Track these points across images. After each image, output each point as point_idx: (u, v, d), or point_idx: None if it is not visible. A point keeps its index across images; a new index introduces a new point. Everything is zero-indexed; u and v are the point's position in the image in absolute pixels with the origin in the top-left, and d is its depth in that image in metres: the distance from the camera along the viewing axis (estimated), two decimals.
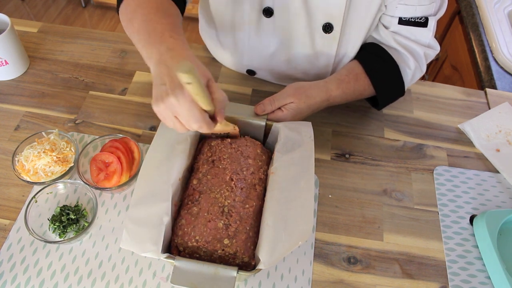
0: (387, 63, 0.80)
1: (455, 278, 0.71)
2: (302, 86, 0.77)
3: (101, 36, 1.02)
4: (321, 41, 0.82)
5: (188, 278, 0.55)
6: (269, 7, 0.78)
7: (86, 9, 2.73)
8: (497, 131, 0.90)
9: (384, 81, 0.81)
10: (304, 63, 0.87)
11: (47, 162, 0.73)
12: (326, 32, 0.79)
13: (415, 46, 0.80)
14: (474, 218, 0.77)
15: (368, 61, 0.81)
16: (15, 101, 0.88)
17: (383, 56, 0.81)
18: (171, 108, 0.55)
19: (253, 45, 0.86)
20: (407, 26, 0.78)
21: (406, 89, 0.84)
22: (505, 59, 1.18)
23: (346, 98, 0.81)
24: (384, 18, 0.80)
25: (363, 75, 0.81)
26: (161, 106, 0.56)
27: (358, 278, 0.70)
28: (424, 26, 0.78)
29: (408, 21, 0.78)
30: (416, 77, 0.84)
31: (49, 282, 0.66)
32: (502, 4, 1.36)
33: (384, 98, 0.84)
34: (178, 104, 0.54)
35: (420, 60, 0.81)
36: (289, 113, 0.74)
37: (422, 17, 0.77)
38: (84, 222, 0.71)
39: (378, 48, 0.82)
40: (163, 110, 0.56)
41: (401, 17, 0.77)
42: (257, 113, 0.73)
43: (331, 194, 0.79)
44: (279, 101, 0.74)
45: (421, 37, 0.80)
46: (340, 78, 0.80)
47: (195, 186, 0.65)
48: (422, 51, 0.80)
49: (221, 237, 0.59)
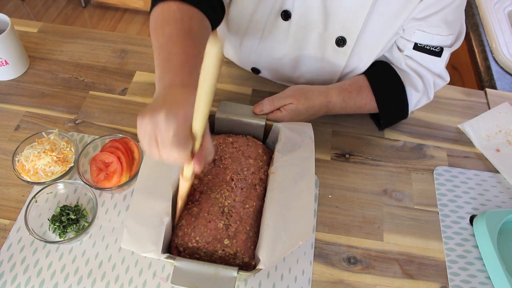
0: (394, 81, 0.80)
1: (455, 278, 0.71)
2: (303, 88, 0.77)
3: (101, 36, 1.02)
4: (331, 53, 0.81)
5: (188, 279, 0.55)
6: (288, 10, 0.77)
7: (86, 9, 2.73)
8: (497, 131, 0.90)
9: (388, 98, 0.81)
10: (310, 72, 0.87)
11: (47, 162, 0.73)
12: (339, 45, 0.79)
13: (425, 72, 0.80)
14: (474, 218, 0.77)
15: (375, 75, 0.81)
16: (15, 101, 0.88)
17: (391, 75, 0.80)
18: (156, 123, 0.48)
19: (263, 46, 0.85)
20: (421, 53, 0.78)
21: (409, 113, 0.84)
22: (505, 59, 1.18)
23: (345, 108, 0.81)
24: (400, 40, 0.79)
25: (367, 88, 0.80)
26: (146, 118, 0.49)
27: (358, 278, 0.70)
28: (438, 55, 0.78)
29: (423, 48, 0.78)
30: (421, 103, 0.83)
31: (49, 282, 0.66)
32: (502, 4, 1.36)
33: (386, 116, 0.84)
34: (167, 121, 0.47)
35: (429, 87, 0.81)
36: (288, 114, 0.74)
37: (437, 47, 0.77)
38: (84, 222, 0.71)
39: (388, 66, 0.82)
40: (147, 123, 0.49)
41: (417, 43, 0.77)
42: (256, 112, 0.74)
43: (331, 194, 0.79)
44: (279, 101, 0.74)
45: (433, 65, 0.79)
46: (342, 86, 0.80)
47: (195, 186, 0.65)
48: (432, 79, 0.80)
49: (221, 237, 0.59)
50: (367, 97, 0.81)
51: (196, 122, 0.47)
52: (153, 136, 0.49)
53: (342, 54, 0.80)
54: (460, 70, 1.38)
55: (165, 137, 0.48)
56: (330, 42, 0.79)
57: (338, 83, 0.81)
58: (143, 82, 0.93)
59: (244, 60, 0.92)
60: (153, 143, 0.49)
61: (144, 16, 2.72)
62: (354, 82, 0.81)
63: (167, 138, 0.48)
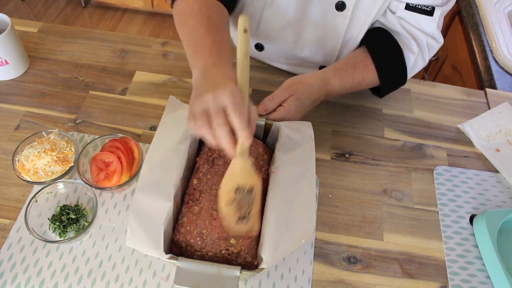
0: (391, 44, 0.81)
1: (455, 278, 0.71)
2: (298, 78, 0.78)
3: (101, 36, 1.02)
4: (332, 19, 0.82)
5: (191, 279, 0.55)
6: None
7: (86, 9, 2.73)
8: (497, 131, 0.91)
9: (386, 62, 0.82)
10: (312, 41, 0.88)
11: (47, 161, 0.73)
12: (338, 9, 0.80)
13: (418, 33, 0.81)
14: (474, 217, 0.77)
15: (372, 41, 0.83)
16: (15, 101, 0.88)
17: (387, 39, 0.82)
18: (218, 99, 0.52)
19: (267, 15, 0.86)
20: (413, 13, 0.79)
21: (407, 79, 0.85)
22: (505, 59, 1.18)
23: (344, 87, 0.81)
24: (392, 2, 0.81)
25: (361, 63, 0.81)
26: (208, 96, 0.53)
27: (358, 277, 0.70)
28: (429, 14, 0.79)
29: (414, 7, 0.79)
30: (418, 66, 0.84)
31: (49, 282, 0.66)
32: (502, 4, 1.36)
33: (386, 84, 0.84)
34: (225, 95, 0.52)
35: (423, 49, 0.82)
36: (291, 106, 0.74)
37: (428, 6, 0.78)
38: (84, 221, 0.71)
39: (383, 31, 0.83)
40: (211, 101, 0.53)
41: (408, 3, 0.78)
42: (260, 113, 0.73)
43: (331, 194, 0.79)
44: (278, 96, 0.74)
45: (425, 25, 0.80)
46: (337, 67, 0.81)
47: (195, 186, 0.65)
48: (425, 39, 0.81)
49: (227, 236, 0.59)
50: (363, 71, 0.81)
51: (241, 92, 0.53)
52: (218, 109, 0.53)
53: (342, 19, 0.82)
54: (460, 70, 1.38)
55: (233, 104, 0.52)
56: (331, 7, 0.81)
57: (331, 65, 0.82)
58: (143, 82, 0.93)
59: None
60: (220, 115, 0.52)
61: (144, 16, 2.72)
62: (347, 60, 0.82)
63: (235, 104, 0.52)
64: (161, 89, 0.92)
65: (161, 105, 0.89)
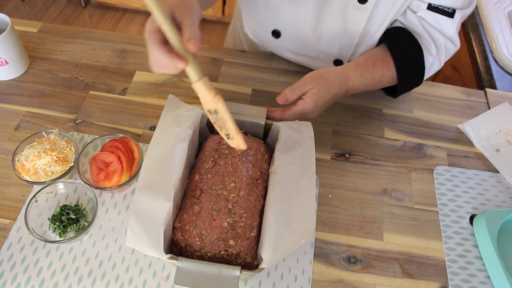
0: (411, 44, 0.81)
1: (455, 278, 0.71)
2: (319, 71, 0.77)
3: (101, 36, 1.02)
4: (353, 11, 0.82)
5: (191, 279, 0.55)
6: None
7: (86, 9, 2.73)
8: (497, 131, 0.91)
9: (406, 61, 0.82)
10: (330, 33, 0.87)
11: (47, 161, 0.73)
12: (360, 2, 0.80)
13: (438, 34, 0.81)
14: (474, 217, 0.77)
15: (392, 40, 0.82)
16: (15, 101, 0.88)
17: (408, 38, 0.81)
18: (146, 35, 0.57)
19: (287, 2, 0.86)
20: (434, 13, 0.79)
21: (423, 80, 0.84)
22: (505, 59, 1.18)
23: (365, 83, 0.81)
24: (413, 2, 0.80)
25: (381, 61, 0.81)
26: None
27: (358, 277, 0.70)
28: (450, 16, 0.79)
29: (436, 8, 0.79)
30: (434, 68, 0.84)
31: (49, 282, 0.66)
32: (502, 4, 1.36)
33: (404, 83, 0.84)
34: (146, 25, 0.57)
35: (441, 51, 0.82)
36: (311, 100, 0.74)
37: (450, 7, 0.79)
38: (84, 221, 0.71)
39: (404, 30, 0.83)
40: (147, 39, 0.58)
41: (430, 3, 0.79)
42: (280, 102, 0.74)
43: (331, 194, 0.79)
44: (299, 88, 0.74)
45: (446, 27, 0.80)
46: (357, 62, 0.81)
47: (196, 182, 0.65)
48: (444, 42, 0.81)
49: (226, 237, 0.59)
50: (383, 68, 0.81)
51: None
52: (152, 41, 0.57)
53: (363, 12, 0.81)
54: (460, 70, 1.38)
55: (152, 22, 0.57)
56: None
57: (351, 62, 0.82)
58: (143, 82, 0.93)
59: (266, 21, 0.92)
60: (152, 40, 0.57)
61: (144, 16, 2.72)
62: (367, 57, 0.82)
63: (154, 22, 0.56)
64: (161, 89, 0.92)
65: (161, 105, 0.89)
